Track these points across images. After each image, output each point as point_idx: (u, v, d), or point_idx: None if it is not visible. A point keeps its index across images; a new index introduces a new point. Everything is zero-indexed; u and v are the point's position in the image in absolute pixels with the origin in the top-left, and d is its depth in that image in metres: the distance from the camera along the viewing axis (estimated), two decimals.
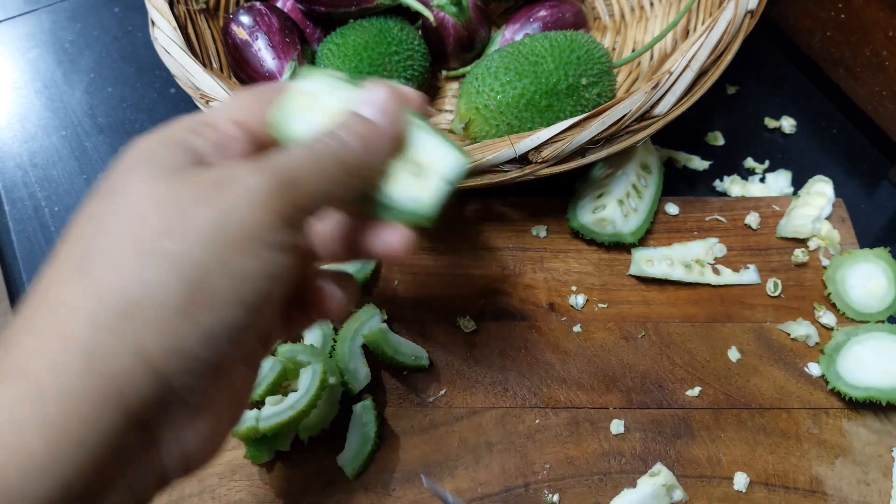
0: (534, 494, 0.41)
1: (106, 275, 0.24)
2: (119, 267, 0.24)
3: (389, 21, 0.52)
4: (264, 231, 0.25)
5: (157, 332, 0.23)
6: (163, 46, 0.48)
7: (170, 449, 0.25)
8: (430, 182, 0.31)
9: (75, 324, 0.23)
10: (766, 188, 0.53)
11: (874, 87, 0.53)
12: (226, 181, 0.25)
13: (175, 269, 0.24)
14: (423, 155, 0.31)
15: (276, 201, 0.25)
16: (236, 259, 0.24)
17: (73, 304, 0.23)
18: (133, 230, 0.24)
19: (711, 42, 0.43)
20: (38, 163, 0.59)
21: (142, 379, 0.23)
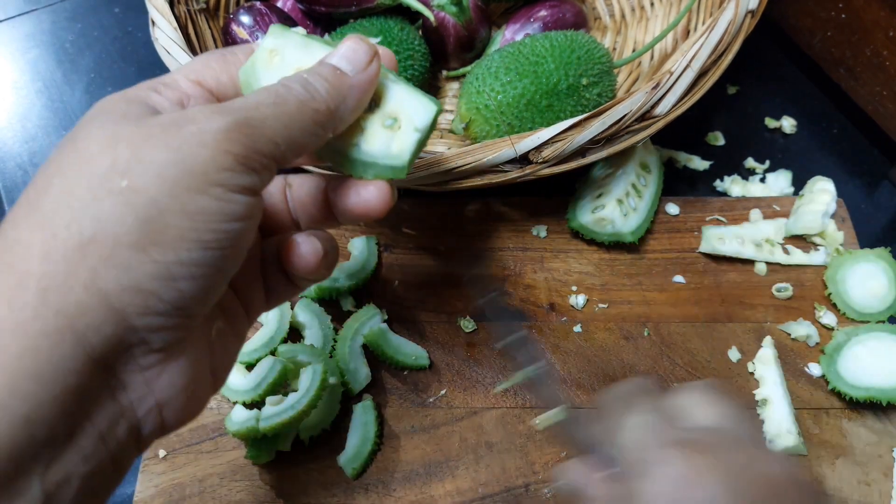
0: (534, 494, 0.41)
1: (59, 211, 0.24)
2: (72, 203, 0.24)
3: (390, 21, 0.52)
4: (221, 171, 0.25)
5: (113, 267, 0.23)
6: (163, 46, 0.48)
7: (140, 397, 0.25)
8: (403, 133, 0.31)
9: (30, 260, 0.23)
10: (766, 188, 0.53)
11: (875, 87, 0.53)
12: (182, 121, 0.25)
13: (128, 204, 0.23)
14: (395, 106, 0.31)
15: (233, 143, 0.25)
16: (193, 198, 0.24)
17: (28, 240, 0.23)
18: (86, 169, 0.24)
19: (712, 42, 0.43)
20: (38, 163, 0.59)
21: (99, 315, 0.23)
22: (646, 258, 0.50)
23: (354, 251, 0.49)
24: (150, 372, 0.25)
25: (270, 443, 0.42)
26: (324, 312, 0.47)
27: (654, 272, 0.49)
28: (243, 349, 0.45)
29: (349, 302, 0.48)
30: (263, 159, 0.26)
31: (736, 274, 0.49)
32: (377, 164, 0.31)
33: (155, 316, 0.24)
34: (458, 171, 0.42)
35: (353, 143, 0.31)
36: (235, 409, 0.43)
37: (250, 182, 0.26)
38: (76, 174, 0.24)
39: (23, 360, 0.22)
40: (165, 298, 0.24)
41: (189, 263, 0.24)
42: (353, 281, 0.47)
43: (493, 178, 0.43)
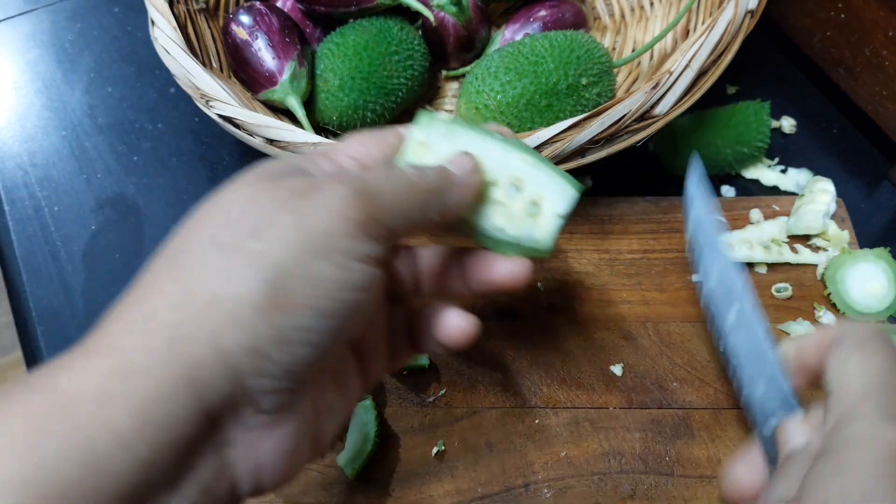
0: (534, 494, 0.41)
1: (193, 267, 0.25)
2: (205, 260, 0.25)
3: (389, 21, 0.52)
4: (343, 238, 0.26)
5: (234, 327, 0.24)
6: (162, 46, 0.48)
7: (242, 456, 0.26)
8: (545, 218, 0.32)
9: (163, 310, 0.24)
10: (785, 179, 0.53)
11: (874, 87, 0.53)
12: (309, 188, 0.26)
13: (256, 267, 0.25)
14: (536, 191, 0.32)
15: (355, 210, 0.26)
16: (315, 264, 0.25)
17: (163, 292, 0.25)
18: (221, 228, 0.26)
19: (711, 42, 0.43)
20: (37, 163, 0.59)
21: (217, 372, 0.24)
22: (646, 258, 0.50)
23: None
24: (255, 433, 0.26)
25: None
26: None
27: (654, 272, 0.49)
28: None
29: None
30: (381, 228, 0.27)
31: None
32: (521, 246, 0.32)
33: (268, 378, 0.25)
34: None
35: (497, 226, 0.32)
36: None
37: (369, 250, 0.27)
38: (214, 231, 0.26)
39: (147, 404, 0.23)
40: (279, 362, 0.25)
41: (306, 329, 0.25)
42: None
43: None
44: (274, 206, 0.26)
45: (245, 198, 0.26)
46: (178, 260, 0.26)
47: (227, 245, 0.25)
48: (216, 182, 0.56)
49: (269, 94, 0.50)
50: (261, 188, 0.27)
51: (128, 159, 0.58)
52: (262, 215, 0.26)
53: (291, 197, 0.26)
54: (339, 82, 0.50)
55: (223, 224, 0.26)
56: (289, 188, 0.26)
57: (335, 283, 0.26)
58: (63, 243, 0.54)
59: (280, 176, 0.27)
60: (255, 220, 0.25)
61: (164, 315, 0.24)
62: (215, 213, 0.27)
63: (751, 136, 0.52)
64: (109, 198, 0.56)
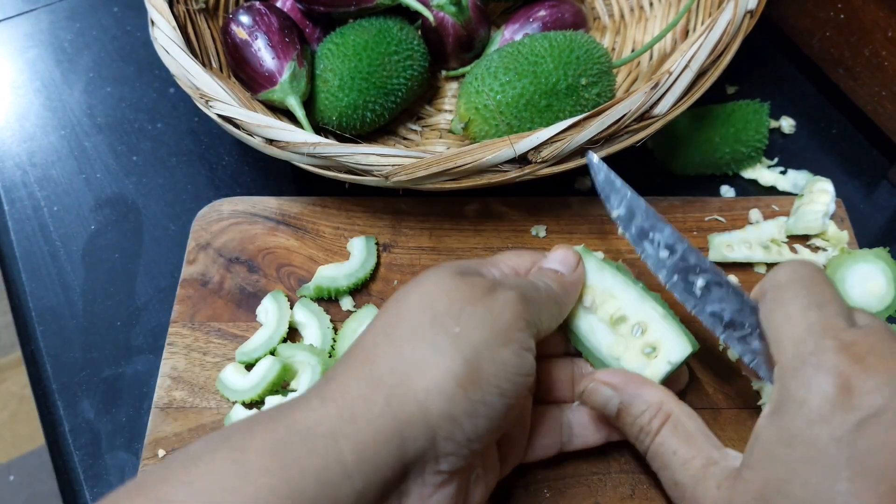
0: (533, 494, 0.41)
1: (405, 338, 0.31)
2: (416, 334, 0.31)
3: (389, 21, 0.52)
4: (518, 332, 0.32)
5: (439, 394, 0.29)
6: (162, 46, 0.48)
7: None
8: (658, 361, 0.38)
9: (381, 370, 0.30)
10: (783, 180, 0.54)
11: (873, 87, 0.53)
12: (492, 288, 0.33)
13: (458, 346, 0.30)
14: (657, 336, 0.39)
15: (522, 308, 0.33)
16: (499, 350, 0.31)
17: (382, 355, 0.30)
18: (427, 309, 0.32)
19: (711, 42, 0.43)
20: (37, 162, 0.59)
21: (420, 429, 0.29)
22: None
23: (354, 251, 0.49)
24: (428, 489, 0.30)
25: None
26: (323, 312, 0.47)
27: None
28: (242, 349, 0.45)
29: (348, 301, 0.48)
30: (535, 328, 0.34)
31: (735, 274, 0.49)
32: None
33: (454, 443, 0.30)
34: (457, 170, 0.42)
35: (615, 354, 0.39)
36: (235, 408, 0.43)
37: (531, 344, 0.33)
38: (421, 311, 0.32)
39: (366, 446, 0.28)
40: (465, 430, 0.30)
41: (489, 405, 0.30)
42: (352, 280, 0.47)
43: (493, 178, 0.43)
44: (468, 297, 0.32)
45: (445, 288, 0.33)
46: (395, 330, 0.31)
47: (435, 323, 0.31)
48: (215, 182, 0.57)
49: (268, 94, 0.50)
50: (456, 282, 0.33)
51: (127, 159, 0.58)
52: (460, 304, 0.32)
53: (480, 293, 0.33)
54: (339, 82, 0.50)
55: (427, 303, 0.32)
56: (476, 285, 0.33)
57: (513, 368, 0.31)
58: (62, 243, 0.54)
59: (465, 274, 0.34)
60: (457, 307, 0.31)
61: (383, 375, 0.30)
62: (421, 296, 0.33)
63: (749, 136, 0.52)
64: (109, 197, 0.56)
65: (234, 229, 0.51)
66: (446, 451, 0.30)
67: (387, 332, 0.32)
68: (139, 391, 0.47)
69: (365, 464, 0.28)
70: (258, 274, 0.49)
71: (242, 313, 0.48)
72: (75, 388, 0.47)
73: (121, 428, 0.45)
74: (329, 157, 0.43)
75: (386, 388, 0.29)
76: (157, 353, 0.48)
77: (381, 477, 0.28)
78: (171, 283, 0.51)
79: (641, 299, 0.40)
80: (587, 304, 0.40)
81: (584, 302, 0.40)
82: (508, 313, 0.32)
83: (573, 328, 0.40)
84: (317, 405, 0.29)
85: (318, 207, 0.52)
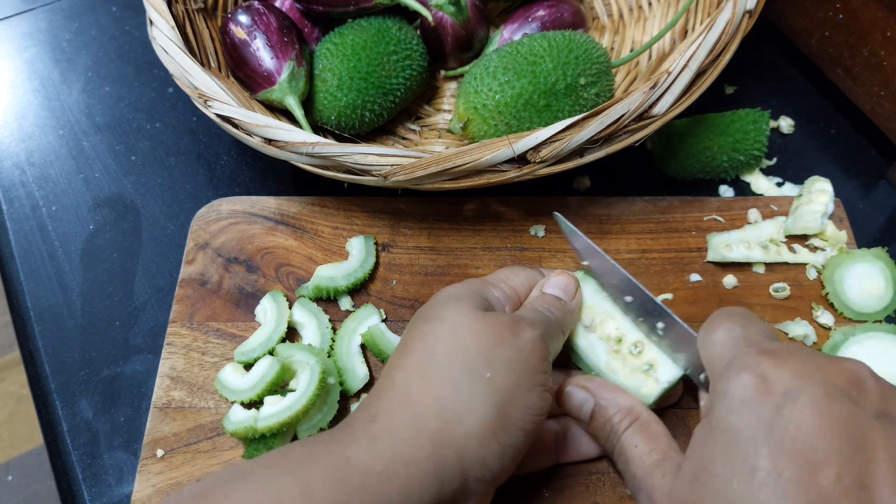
0: (533, 494, 0.41)
1: (444, 385, 0.32)
2: (452, 382, 0.32)
3: (388, 21, 0.52)
4: (539, 371, 0.34)
5: (474, 439, 0.31)
6: (161, 46, 0.48)
7: None
8: (653, 381, 0.40)
9: (426, 415, 0.32)
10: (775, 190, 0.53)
11: (872, 87, 0.53)
12: (516, 327, 0.35)
13: (491, 394, 0.32)
14: (654, 356, 0.40)
15: (545, 349, 0.35)
16: (525, 393, 0.33)
17: (424, 402, 0.32)
18: (459, 354, 0.33)
19: (710, 42, 0.43)
20: (35, 162, 0.58)
21: (455, 472, 0.31)
22: (644, 258, 0.50)
23: (352, 251, 0.49)
24: None
25: (268, 442, 0.42)
26: (322, 312, 0.47)
27: (652, 272, 0.49)
28: (241, 349, 0.45)
29: (347, 301, 0.48)
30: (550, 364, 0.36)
31: (734, 274, 0.49)
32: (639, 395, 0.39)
33: (482, 482, 0.32)
34: (456, 170, 0.42)
35: (613, 368, 0.40)
36: (233, 408, 0.43)
37: (549, 383, 0.35)
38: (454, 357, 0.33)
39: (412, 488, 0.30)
40: (493, 470, 0.32)
41: (515, 446, 0.32)
42: (350, 280, 0.47)
43: (491, 178, 0.43)
44: (496, 340, 0.33)
45: (474, 329, 0.34)
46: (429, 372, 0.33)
47: (465, 367, 0.32)
48: (214, 181, 0.56)
49: (267, 93, 0.50)
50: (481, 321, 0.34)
51: (126, 159, 0.58)
52: (489, 347, 0.33)
53: (506, 334, 0.34)
54: (338, 82, 0.50)
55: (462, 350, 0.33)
56: (501, 325, 0.34)
57: (536, 409, 0.33)
58: (61, 243, 0.54)
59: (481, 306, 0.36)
60: (486, 351, 0.33)
61: (428, 420, 0.31)
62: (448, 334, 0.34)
63: (748, 145, 0.52)
64: (107, 197, 0.56)
65: (232, 229, 0.51)
66: (476, 490, 0.32)
67: (422, 376, 0.33)
68: (138, 391, 0.46)
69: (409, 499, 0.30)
70: (257, 274, 0.49)
71: (241, 313, 0.48)
72: (74, 388, 0.47)
73: (119, 428, 0.45)
74: (328, 157, 0.43)
75: (430, 434, 0.31)
76: (155, 352, 0.48)
77: None
78: (170, 282, 0.51)
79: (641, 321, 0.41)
80: (587, 323, 0.42)
81: (584, 321, 0.42)
82: (535, 356, 0.34)
83: (573, 346, 0.42)
84: (367, 445, 0.31)
85: (317, 207, 0.52)
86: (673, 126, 0.52)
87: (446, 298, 0.36)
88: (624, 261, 0.49)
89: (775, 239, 0.49)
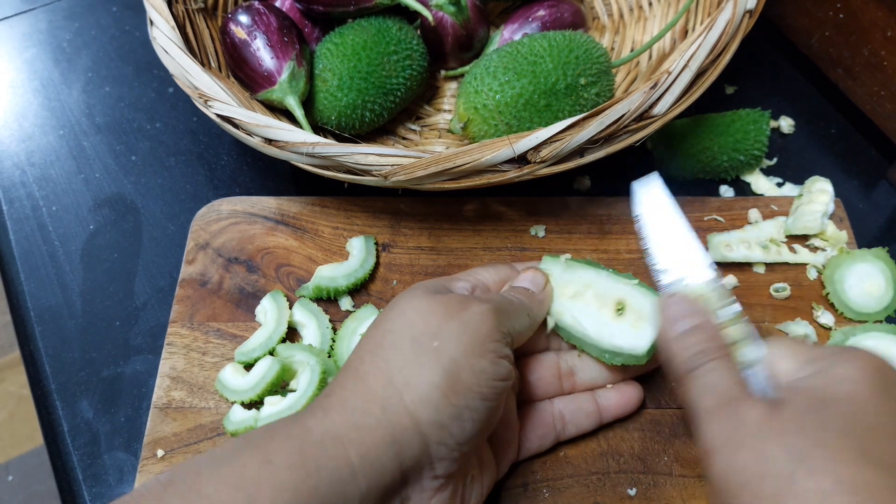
0: (532, 494, 0.41)
1: (392, 359, 0.34)
2: (400, 354, 0.34)
3: (388, 21, 0.52)
4: (492, 342, 0.35)
5: (425, 403, 0.33)
6: (161, 46, 0.48)
7: None
8: (645, 327, 0.40)
9: (374, 387, 0.33)
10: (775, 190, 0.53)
11: (872, 86, 0.53)
12: (465, 303, 0.36)
13: (438, 360, 0.33)
14: (635, 304, 0.41)
15: (495, 320, 0.36)
16: (477, 360, 0.34)
17: (373, 374, 0.34)
18: (408, 331, 0.35)
19: (710, 42, 0.43)
20: (35, 162, 0.58)
21: (413, 436, 0.32)
22: (644, 258, 0.50)
23: (353, 251, 0.49)
24: (427, 494, 0.33)
25: None
26: (322, 312, 0.47)
27: None
28: (241, 349, 0.45)
29: (347, 301, 0.48)
30: (509, 337, 0.37)
31: (734, 274, 0.49)
32: (623, 354, 0.40)
33: (445, 447, 0.33)
34: (456, 170, 0.42)
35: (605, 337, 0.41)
36: (234, 408, 0.43)
37: (506, 352, 0.36)
38: (402, 333, 0.35)
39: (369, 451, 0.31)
40: (454, 433, 0.33)
41: (472, 409, 0.33)
42: (351, 280, 0.47)
43: (492, 178, 0.43)
44: (443, 315, 0.35)
45: (422, 308, 0.35)
46: (381, 351, 0.35)
47: (416, 343, 0.34)
48: (214, 182, 0.56)
49: (267, 93, 0.50)
50: (430, 301, 0.36)
51: (126, 159, 0.58)
52: (436, 322, 0.35)
53: (454, 309, 0.35)
54: (338, 82, 0.50)
55: (409, 327, 0.35)
56: (450, 302, 0.36)
57: (490, 374, 0.34)
58: (61, 243, 0.54)
59: (438, 292, 0.37)
60: (433, 325, 0.34)
61: (377, 390, 0.33)
62: (400, 317, 0.36)
63: (748, 145, 0.52)
64: (107, 197, 0.56)
65: (232, 229, 0.51)
66: (439, 455, 0.33)
67: (373, 352, 0.35)
68: (138, 391, 0.46)
69: (367, 467, 0.31)
70: (257, 274, 0.49)
71: (241, 313, 0.48)
72: (74, 388, 0.47)
73: (119, 428, 0.45)
74: (328, 157, 0.43)
75: (380, 401, 0.33)
76: (155, 353, 0.48)
77: (382, 479, 0.31)
78: (170, 282, 0.51)
79: (615, 279, 0.42)
80: (570, 295, 0.42)
81: (567, 294, 0.42)
82: (484, 326, 0.35)
83: (561, 325, 0.42)
84: (322, 416, 0.32)
85: (318, 207, 0.52)
86: (673, 126, 0.52)
87: (408, 292, 0.38)
88: (624, 261, 0.49)
89: (776, 239, 0.49)
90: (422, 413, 0.32)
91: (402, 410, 0.32)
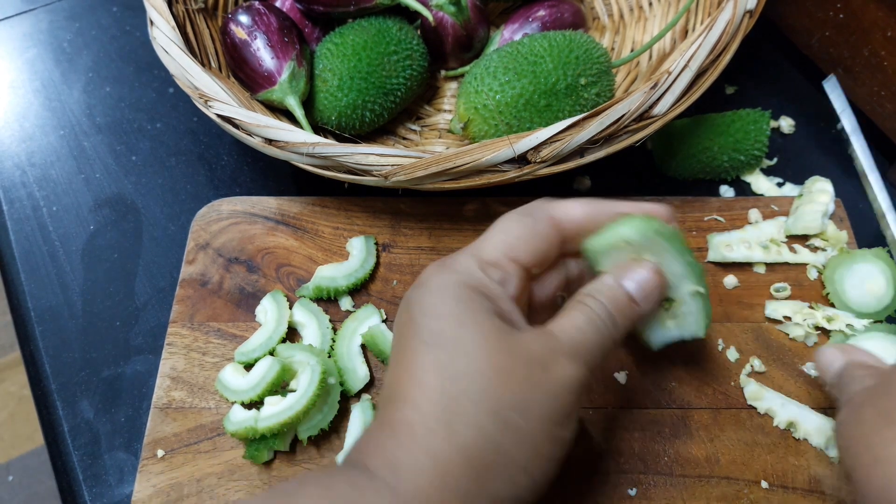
0: None
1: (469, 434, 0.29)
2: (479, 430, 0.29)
3: (388, 21, 0.52)
4: (575, 408, 0.32)
5: (507, 483, 0.30)
6: (161, 46, 0.48)
7: None
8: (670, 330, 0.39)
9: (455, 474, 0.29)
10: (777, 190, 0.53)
11: (872, 87, 0.53)
12: (549, 362, 0.31)
13: (522, 439, 0.30)
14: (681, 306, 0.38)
15: (584, 383, 0.32)
16: (560, 431, 0.31)
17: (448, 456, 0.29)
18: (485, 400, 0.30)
19: (710, 42, 0.43)
20: (36, 162, 0.59)
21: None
22: None
23: (353, 251, 0.49)
24: None
25: (269, 443, 0.42)
26: (322, 312, 0.47)
27: None
28: (241, 349, 0.45)
29: (348, 301, 0.48)
30: None
31: (735, 274, 0.49)
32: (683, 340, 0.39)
33: None
34: (456, 170, 0.42)
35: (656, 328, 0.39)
36: (234, 408, 0.43)
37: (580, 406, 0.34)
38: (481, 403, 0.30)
39: None
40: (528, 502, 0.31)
41: (546, 475, 0.31)
42: (351, 280, 0.47)
43: (492, 178, 0.43)
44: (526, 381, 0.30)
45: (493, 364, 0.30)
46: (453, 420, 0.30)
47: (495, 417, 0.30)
48: (215, 182, 0.57)
49: (267, 93, 0.50)
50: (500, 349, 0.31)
51: (126, 159, 0.58)
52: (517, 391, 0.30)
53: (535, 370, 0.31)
54: (338, 82, 0.50)
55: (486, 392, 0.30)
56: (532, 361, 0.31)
57: (567, 443, 0.32)
58: (61, 243, 0.54)
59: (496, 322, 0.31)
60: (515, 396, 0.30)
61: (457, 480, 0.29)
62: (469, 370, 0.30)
63: (748, 145, 0.52)
64: (108, 197, 0.56)
65: (233, 229, 0.51)
66: None
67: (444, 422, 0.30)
68: (138, 391, 0.47)
69: None
70: (257, 274, 0.49)
71: (241, 313, 0.48)
72: (74, 388, 0.47)
73: (120, 428, 0.45)
74: (328, 157, 0.43)
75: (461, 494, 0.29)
76: (156, 353, 0.48)
77: None
78: (171, 283, 0.51)
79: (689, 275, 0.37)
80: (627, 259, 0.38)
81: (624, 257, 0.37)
82: (572, 396, 0.31)
83: None
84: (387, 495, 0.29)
85: (318, 207, 0.52)
86: (673, 126, 0.52)
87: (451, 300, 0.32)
88: None
89: (776, 239, 0.49)
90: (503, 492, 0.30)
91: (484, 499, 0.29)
